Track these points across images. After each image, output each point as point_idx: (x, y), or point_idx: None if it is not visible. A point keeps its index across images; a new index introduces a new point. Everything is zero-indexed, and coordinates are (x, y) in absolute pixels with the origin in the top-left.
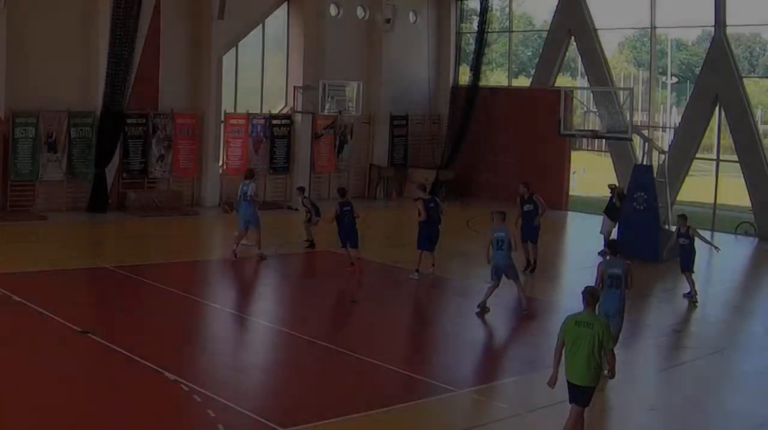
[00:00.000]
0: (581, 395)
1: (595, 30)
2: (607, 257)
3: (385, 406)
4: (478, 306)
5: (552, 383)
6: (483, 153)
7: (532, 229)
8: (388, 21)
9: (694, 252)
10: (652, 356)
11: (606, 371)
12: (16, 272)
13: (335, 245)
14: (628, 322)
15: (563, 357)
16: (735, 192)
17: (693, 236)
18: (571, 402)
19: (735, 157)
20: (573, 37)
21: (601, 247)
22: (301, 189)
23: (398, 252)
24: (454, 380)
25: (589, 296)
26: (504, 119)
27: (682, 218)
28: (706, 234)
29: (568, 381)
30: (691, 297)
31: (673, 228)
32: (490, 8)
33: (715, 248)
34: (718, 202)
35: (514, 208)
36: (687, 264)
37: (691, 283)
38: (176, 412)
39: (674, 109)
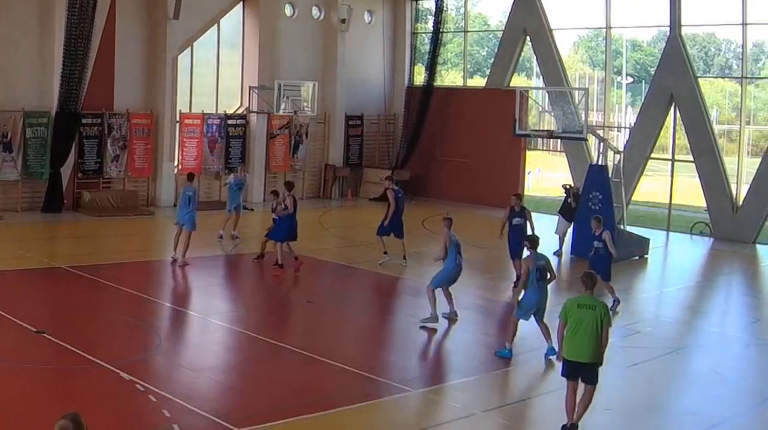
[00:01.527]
0: (589, 372)
1: (550, 30)
2: (527, 253)
3: (340, 406)
4: (445, 316)
5: (561, 358)
6: (438, 153)
7: (519, 245)
8: (343, 21)
9: (611, 256)
10: (607, 356)
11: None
12: None
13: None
14: None
15: (565, 338)
16: (690, 192)
17: (605, 240)
18: (569, 379)
19: (690, 157)
20: (528, 38)
21: (556, 247)
22: (275, 193)
23: (353, 252)
24: (409, 380)
25: (588, 279)
26: (459, 119)
27: (597, 219)
28: (661, 234)
29: (571, 361)
30: (614, 306)
31: (629, 228)
32: (445, 8)
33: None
34: (673, 202)
35: (466, 208)
36: (605, 275)
37: (611, 290)
38: (131, 412)
39: (629, 109)
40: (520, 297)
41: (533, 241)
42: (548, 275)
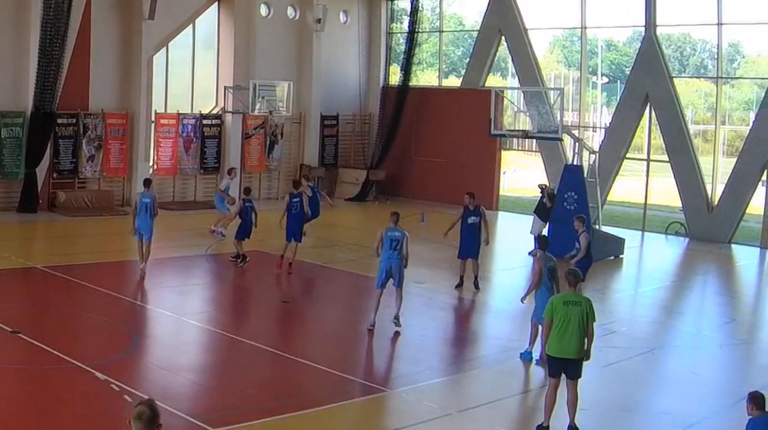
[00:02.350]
0: (575, 368)
1: (526, 30)
2: (538, 254)
3: (317, 406)
4: (369, 326)
5: (544, 361)
6: (413, 153)
7: (474, 244)
8: (318, 21)
9: (588, 257)
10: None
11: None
12: None
13: (264, 245)
14: None
15: (551, 336)
16: (665, 192)
17: (581, 242)
18: (554, 376)
19: (665, 157)
20: (503, 37)
21: (531, 247)
22: (247, 190)
23: (329, 252)
24: (385, 380)
25: (572, 277)
26: (434, 119)
27: (580, 219)
28: (637, 234)
29: (557, 358)
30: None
31: (604, 228)
32: (420, 8)
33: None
34: (648, 202)
35: (441, 208)
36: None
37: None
38: (106, 412)
39: (604, 109)
40: (531, 298)
41: (543, 241)
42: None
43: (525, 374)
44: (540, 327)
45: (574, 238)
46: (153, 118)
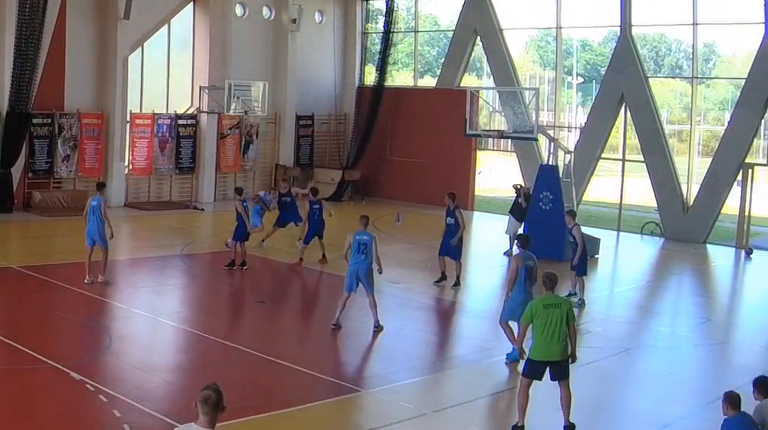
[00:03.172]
0: (562, 370)
1: (501, 30)
2: (517, 252)
3: (292, 406)
4: (333, 324)
5: (522, 357)
6: (389, 153)
7: (450, 244)
8: (294, 21)
9: (584, 250)
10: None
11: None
12: None
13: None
14: None
15: (533, 340)
16: (641, 192)
17: (575, 235)
18: (529, 377)
19: (641, 157)
20: (479, 37)
21: (506, 247)
22: (239, 190)
23: (305, 252)
24: (360, 380)
25: (548, 280)
26: (410, 119)
27: (571, 214)
28: (612, 234)
29: (539, 361)
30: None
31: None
32: (395, 8)
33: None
34: (623, 202)
35: (417, 208)
36: (580, 269)
37: (581, 286)
38: (82, 412)
39: (580, 109)
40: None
41: (524, 240)
42: (534, 276)
43: (500, 374)
44: (508, 324)
45: (553, 238)
46: (128, 118)
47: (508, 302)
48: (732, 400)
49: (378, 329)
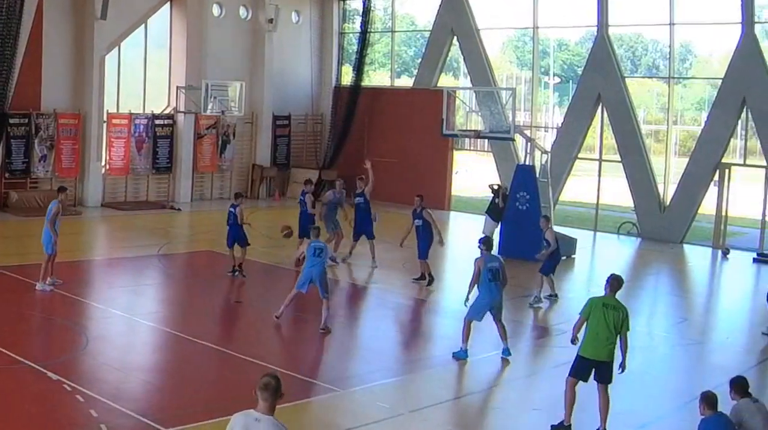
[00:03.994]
0: (606, 371)
1: (478, 30)
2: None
3: None
4: (276, 316)
5: (575, 340)
6: (366, 153)
7: (419, 245)
8: (270, 21)
9: (555, 252)
10: (534, 356)
11: (618, 366)
12: None
13: (216, 245)
14: (509, 322)
15: (585, 337)
16: (617, 192)
17: (547, 239)
18: (576, 377)
19: (617, 157)
20: (455, 38)
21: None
22: (238, 195)
23: (281, 252)
24: (336, 380)
25: (614, 281)
26: (387, 119)
27: (545, 218)
28: (589, 234)
29: (589, 359)
30: (533, 301)
31: (556, 228)
32: (372, 8)
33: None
34: (600, 202)
35: (393, 208)
36: (546, 268)
37: (540, 285)
38: (59, 412)
39: (557, 109)
40: (472, 297)
41: (486, 242)
42: (501, 277)
43: (476, 374)
44: (471, 324)
45: (530, 238)
46: (105, 118)
47: (474, 303)
48: (709, 400)
49: (325, 331)
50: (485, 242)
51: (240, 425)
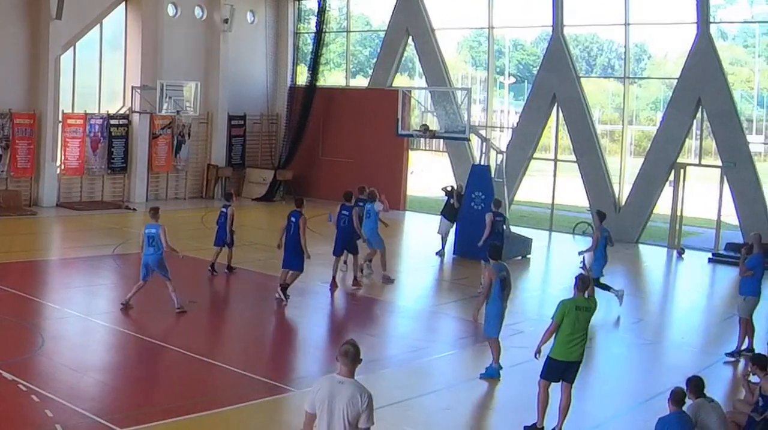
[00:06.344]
0: (573, 371)
1: (433, 30)
2: (490, 264)
3: (224, 406)
4: (122, 303)
5: (539, 354)
6: (321, 153)
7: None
8: (226, 21)
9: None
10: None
11: None
12: None
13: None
14: (464, 322)
15: (556, 339)
16: (573, 192)
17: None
18: (549, 379)
19: (573, 157)
20: (411, 38)
21: (438, 247)
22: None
23: (235, 251)
24: (292, 380)
25: (581, 281)
26: (342, 119)
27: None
28: (544, 234)
29: (561, 361)
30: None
31: (512, 228)
32: (327, 8)
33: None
34: (555, 202)
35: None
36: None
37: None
38: (14, 412)
39: (512, 109)
40: (483, 312)
41: (496, 251)
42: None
43: (433, 374)
44: (497, 341)
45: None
46: (60, 119)
47: (490, 318)
48: (675, 397)
49: (180, 310)
50: (494, 251)
51: (325, 388)
